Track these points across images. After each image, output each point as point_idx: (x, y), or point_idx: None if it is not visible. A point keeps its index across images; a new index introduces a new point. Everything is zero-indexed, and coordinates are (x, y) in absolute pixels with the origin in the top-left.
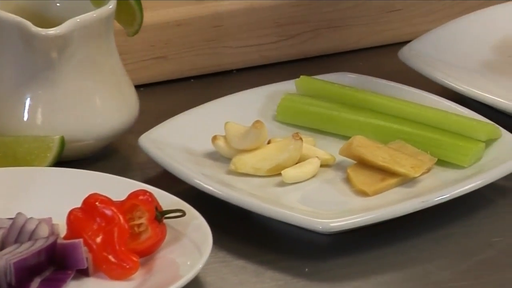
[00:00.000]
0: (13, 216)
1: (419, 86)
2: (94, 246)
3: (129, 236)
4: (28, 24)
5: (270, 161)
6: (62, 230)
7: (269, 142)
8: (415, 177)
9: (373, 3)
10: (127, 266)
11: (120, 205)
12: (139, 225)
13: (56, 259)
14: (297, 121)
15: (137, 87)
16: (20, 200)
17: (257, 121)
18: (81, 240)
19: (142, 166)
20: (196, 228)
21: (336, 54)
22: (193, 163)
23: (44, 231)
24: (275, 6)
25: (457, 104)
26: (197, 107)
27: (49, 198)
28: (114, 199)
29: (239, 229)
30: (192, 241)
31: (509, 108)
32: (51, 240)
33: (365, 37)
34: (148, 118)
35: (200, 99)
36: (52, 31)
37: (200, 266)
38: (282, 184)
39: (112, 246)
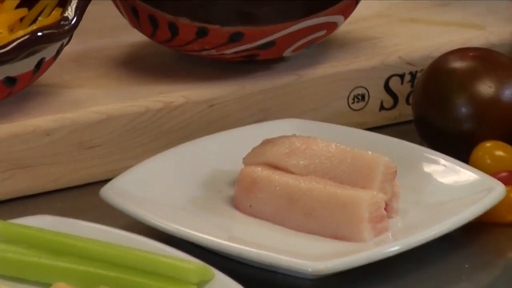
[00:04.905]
0: None
1: (124, 226)
2: None
3: None
4: None
5: None
6: None
7: None
8: None
9: (68, 140)
10: None
11: None
12: None
13: None
14: None
15: None
16: None
17: None
18: None
19: None
20: None
21: (32, 196)
22: None
23: None
24: None
25: (165, 245)
26: None
27: None
28: None
29: None
30: None
31: (220, 247)
32: None
33: (62, 177)
34: None
35: None
36: None
37: None
38: None
39: None
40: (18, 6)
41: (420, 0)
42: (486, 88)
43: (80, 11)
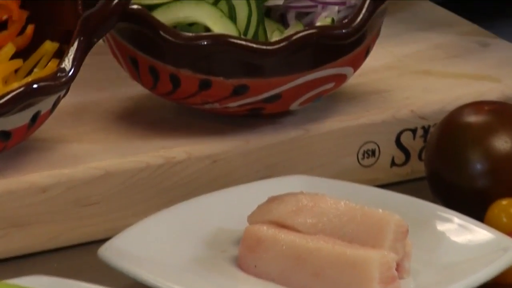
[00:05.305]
0: None
1: (123, 287)
2: None
3: None
4: None
5: None
6: None
7: None
8: None
9: (65, 197)
10: None
11: None
12: None
13: None
14: None
15: None
16: None
17: None
18: None
19: None
20: None
21: (28, 255)
22: None
23: None
24: None
25: None
26: None
27: None
28: None
29: None
30: None
31: None
32: None
33: (59, 235)
34: None
35: None
36: None
37: None
38: None
39: None
40: (13, 57)
41: (432, 52)
42: (502, 143)
43: (77, 63)
